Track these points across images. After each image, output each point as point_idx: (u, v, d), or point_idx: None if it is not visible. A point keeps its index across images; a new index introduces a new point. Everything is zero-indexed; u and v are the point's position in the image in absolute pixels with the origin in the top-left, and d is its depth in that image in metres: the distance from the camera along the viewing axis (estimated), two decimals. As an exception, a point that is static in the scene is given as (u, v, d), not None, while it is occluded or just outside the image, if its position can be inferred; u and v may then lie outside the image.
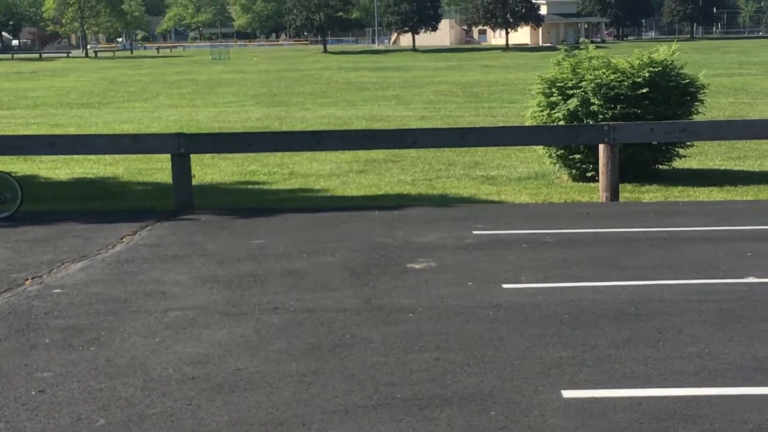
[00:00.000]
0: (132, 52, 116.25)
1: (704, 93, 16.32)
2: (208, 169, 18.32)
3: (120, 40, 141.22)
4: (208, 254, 10.67)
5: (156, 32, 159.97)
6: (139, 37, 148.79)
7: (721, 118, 24.38)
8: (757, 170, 17.11)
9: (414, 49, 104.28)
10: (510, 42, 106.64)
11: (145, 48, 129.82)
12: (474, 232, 11.64)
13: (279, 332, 7.66)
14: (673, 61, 15.85)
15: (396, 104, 35.08)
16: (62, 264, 10.29)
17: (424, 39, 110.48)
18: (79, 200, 15.20)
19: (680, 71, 15.87)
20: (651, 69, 15.42)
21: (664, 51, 15.96)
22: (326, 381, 6.53)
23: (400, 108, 33.14)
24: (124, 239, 11.63)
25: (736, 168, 17.46)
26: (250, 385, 6.47)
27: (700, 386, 6.30)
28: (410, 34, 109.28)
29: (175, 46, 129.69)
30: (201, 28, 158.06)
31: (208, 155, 19.00)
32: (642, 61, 15.64)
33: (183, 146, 14.13)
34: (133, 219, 12.97)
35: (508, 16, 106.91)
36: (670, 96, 15.53)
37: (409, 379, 6.52)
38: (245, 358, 7.02)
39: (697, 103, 16.09)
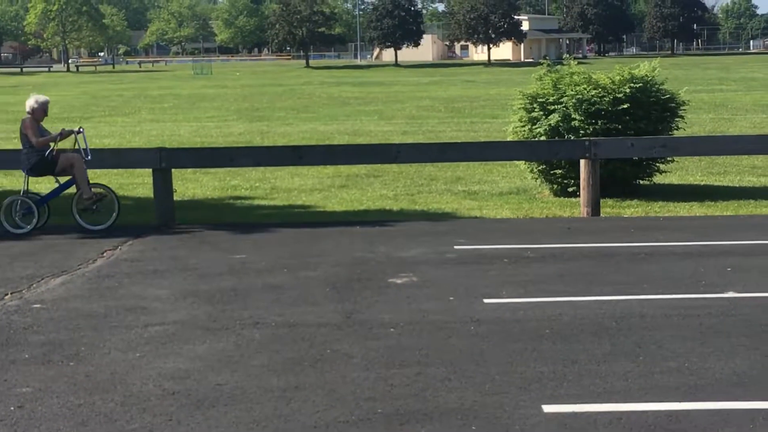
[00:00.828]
0: (114, 67, 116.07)
1: (684, 109, 16.41)
2: (189, 184, 18.30)
3: (102, 54, 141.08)
4: (189, 269, 10.64)
5: (138, 47, 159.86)
6: (121, 51, 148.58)
7: (702, 133, 24.50)
8: (737, 185, 17.20)
9: (396, 65, 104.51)
10: (492, 57, 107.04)
11: (127, 62, 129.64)
12: (455, 246, 11.65)
13: (260, 347, 7.64)
14: (653, 77, 15.94)
15: (378, 119, 35.12)
16: (42, 279, 10.25)
17: (407, 54, 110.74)
18: (59, 215, 15.12)
19: (661, 87, 15.96)
20: (632, 85, 15.51)
21: (645, 67, 16.04)
22: (307, 396, 6.52)
23: (382, 123, 33.17)
24: (104, 254, 11.59)
25: (716, 183, 17.54)
26: (231, 401, 6.45)
27: (680, 401, 6.32)
28: (393, 49, 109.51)
29: (158, 61, 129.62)
30: (183, 43, 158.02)
31: (189, 170, 18.97)
32: (623, 77, 15.72)
33: (164, 161, 14.11)
34: (114, 234, 12.92)
35: (490, 32, 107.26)
36: (650, 112, 15.61)
37: (390, 394, 6.52)
38: (226, 373, 7.00)
39: (677, 119, 16.17)
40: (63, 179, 13.36)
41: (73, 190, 13.35)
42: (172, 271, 10.54)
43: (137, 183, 18.39)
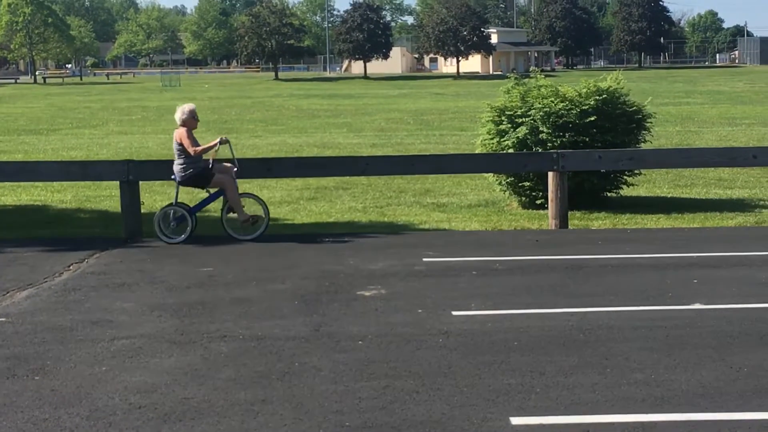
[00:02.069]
0: (81, 79, 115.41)
1: (651, 121, 16.52)
2: (157, 197, 18.21)
3: (69, 66, 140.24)
4: (157, 282, 10.59)
5: (106, 59, 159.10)
6: (88, 63, 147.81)
7: (669, 146, 24.69)
8: (704, 198, 17.32)
9: (365, 77, 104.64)
10: (461, 70, 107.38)
11: (94, 74, 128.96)
12: (424, 259, 11.66)
13: (227, 360, 7.61)
14: (618, 89, 16.03)
15: (347, 131, 35.14)
16: (7, 293, 10.16)
17: (376, 67, 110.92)
18: (25, 228, 15.02)
19: (627, 99, 16.06)
20: (597, 97, 15.60)
21: (609, 79, 16.14)
22: (274, 409, 6.49)
23: (351, 135, 33.19)
24: (71, 267, 11.51)
25: (683, 196, 17.67)
26: (198, 415, 6.42)
27: (647, 412, 6.34)
28: (362, 61, 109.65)
29: (126, 73, 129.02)
30: (151, 55, 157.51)
31: (157, 182, 18.86)
32: (589, 89, 15.82)
33: (132, 173, 14.04)
34: (81, 247, 12.84)
35: (459, 44, 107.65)
36: (617, 124, 15.70)
37: (358, 407, 6.50)
38: (193, 387, 6.96)
39: (644, 132, 16.28)
40: (212, 190, 13.42)
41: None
42: (139, 284, 10.48)
43: (104, 195, 18.29)
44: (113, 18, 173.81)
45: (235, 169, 13.36)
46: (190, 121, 13.18)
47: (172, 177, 13.30)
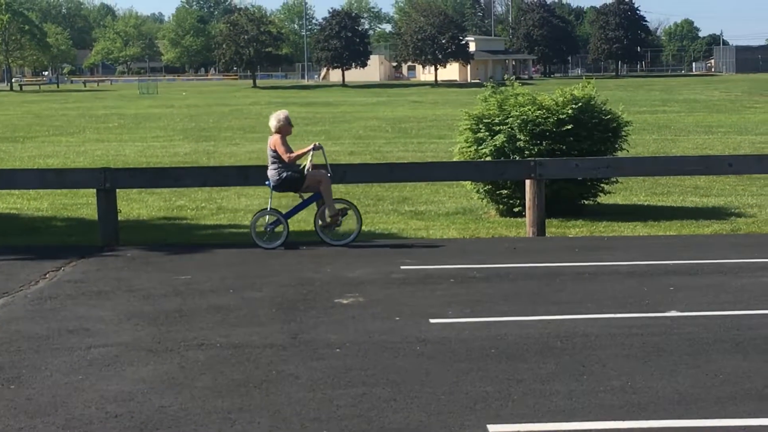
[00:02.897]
0: (58, 86, 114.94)
1: (627, 129, 16.59)
2: (134, 204, 18.16)
3: (46, 73, 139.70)
4: (134, 290, 10.55)
5: (83, 66, 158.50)
6: (65, 70, 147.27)
7: (645, 154, 24.80)
8: (680, 206, 17.41)
9: (343, 85, 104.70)
10: (439, 78, 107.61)
11: (72, 82, 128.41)
12: (402, 267, 11.67)
13: (204, 369, 7.58)
14: (594, 97, 16.10)
15: (325, 139, 35.07)
16: (-17, 301, 10.09)
17: (354, 74, 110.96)
18: (1, 236, 14.93)
19: (603, 107, 16.12)
20: (574, 106, 15.67)
21: (582, 87, 16.20)
22: (252, 417, 6.48)
23: (329, 143, 33.12)
24: (47, 275, 11.45)
25: (659, 204, 17.75)
26: (175, 423, 6.39)
27: (623, 419, 6.37)
28: (340, 69, 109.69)
29: (103, 80, 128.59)
30: (129, 62, 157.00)
31: (135, 190, 18.82)
32: (565, 98, 15.87)
33: (109, 181, 13.99)
34: (58, 255, 12.78)
35: (437, 52, 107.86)
36: (593, 132, 15.77)
37: (335, 415, 6.50)
38: (170, 396, 6.94)
39: (620, 140, 16.35)
40: (305, 195, 13.49)
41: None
42: (115, 293, 10.44)
43: (81, 203, 18.21)
44: (90, 25, 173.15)
45: (329, 174, 13.40)
46: (285, 128, 13.34)
47: (267, 183, 13.42)
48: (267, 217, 13.35)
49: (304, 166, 13.30)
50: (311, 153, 13.29)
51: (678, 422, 6.31)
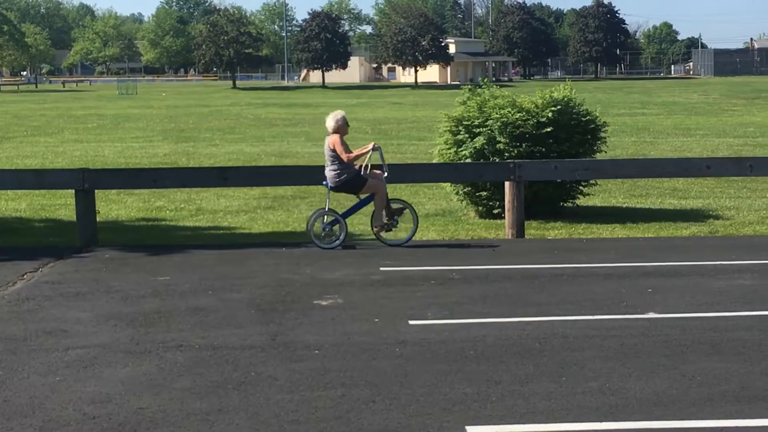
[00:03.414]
0: (37, 86, 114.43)
1: (606, 131, 16.64)
2: (113, 205, 18.09)
3: (24, 73, 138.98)
4: (112, 291, 10.51)
5: (62, 66, 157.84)
6: (44, 70, 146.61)
7: (624, 156, 24.89)
8: (658, 208, 17.49)
9: (323, 86, 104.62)
10: (419, 80, 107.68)
11: (50, 82, 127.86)
12: (381, 268, 11.67)
13: (183, 370, 7.57)
14: (573, 100, 16.14)
15: (305, 140, 35.09)
16: (-40, 302, 10.03)
17: (334, 76, 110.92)
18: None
19: (581, 110, 16.16)
20: (553, 108, 15.70)
21: (561, 89, 16.24)
22: (230, 419, 6.47)
23: (309, 144, 33.14)
24: (25, 276, 11.40)
25: (638, 206, 17.82)
26: (153, 425, 6.38)
27: (601, 420, 6.39)
28: (320, 71, 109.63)
29: (82, 81, 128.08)
30: (108, 63, 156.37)
31: (113, 191, 18.76)
32: (545, 100, 15.91)
33: (87, 182, 13.93)
34: (36, 256, 12.73)
35: (417, 54, 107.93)
36: (573, 134, 15.81)
37: (314, 417, 6.50)
38: (148, 397, 6.92)
39: (599, 142, 16.40)
40: (362, 195, 13.50)
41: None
42: (94, 294, 10.40)
43: (60, 204, 18.13)
44: (69, 25, 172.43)
45: (385, 174, 13.43)
46: (343, 128, 13.35)
47: (324, 183, 13.45)
48: (325, 217, 13.40)
49: (362, 166, 13.38)
50: (370, 154, 13.32)
51: (655, 423, 6.34)
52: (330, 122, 13.34)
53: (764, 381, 7.19)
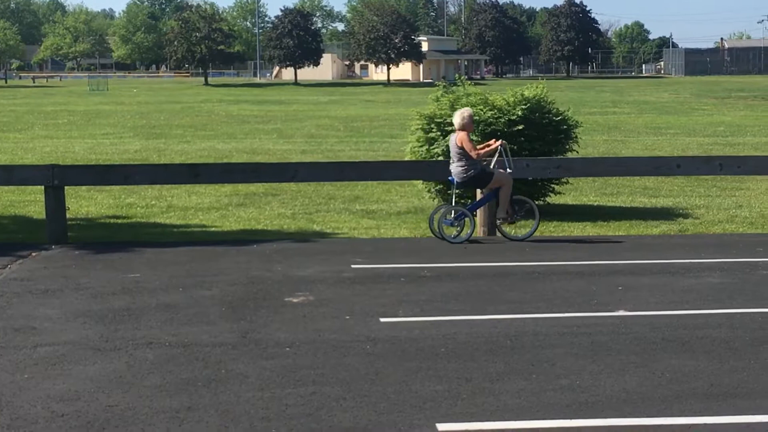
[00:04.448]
0: (6, 82, 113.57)
1: (577, 130, 16.70)
2: (83, 202, 17.98)
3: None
4: (82, 288, 10.44)
5: (32, 62, 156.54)
6: (14, 66, 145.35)
7: (595, 155, 24.98)
8: (629, 206, 17.57)
9: (296, 83, 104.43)
10: (391, 77, 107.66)
11: (20, 77, 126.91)
12: (353, 266, 11.66)
13: (153, 367, 7.53)
14: (544, 98, 16.17)
15: (277, 138, 35.03)
16: (-73, 298, 9.94)
17: (306, 73, 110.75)
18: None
19: (553, 108, 16.21)
20: (524, 106, 15.73)
21: (533, 88, 16.28)
22: (200, 417, 6.44)
23: (281, 142, 33.10)
24: (-7, 273, 11.30)
25: (609, 204, 17.90)
26: (122, 422, 6.34)
27: (572, 417, 6.41)
28: (292, 68, 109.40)
29: (52, 76, 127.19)
30: (79, 59, 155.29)
31: (84, 187, 18.66)
32: (516, 98, 15.94)
33: (57, 178, 13.83)
34: (4, 252, 12.62)
35: (389, 52, 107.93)
36: (544, 133, 15.85)
37: (284, 414, 6.48)
38: (117, 395, 6.88)
39: (571, 141, 16.45)
40: (485, 190, 13.67)
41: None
42: (63, 291, 10.33)
43: (29, 200, 18.00)
44: (39, 20, 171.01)
45: (509, 170, 13.58)
46: (469, 125, 13.57)
47: (450, 178, 13.63)
48: (453, 211, 13.52)
49: (492, 162, 13.61)
50: (498, 149, 13.55)
51: (625, 420, 6.37)
52: (457, 119, 13.58)
53: (732, 378, 7.24)
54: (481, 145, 13.67)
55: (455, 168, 13.49)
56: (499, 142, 13.67)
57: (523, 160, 14.63)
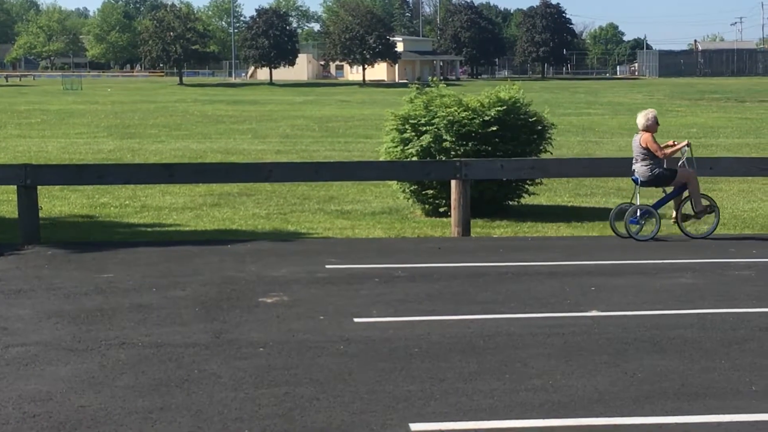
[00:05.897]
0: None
1: (552, 131, 16.76)
2: (56, 201, 17.88)
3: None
4: (54, 288, 10.39)
5: (5, 61, 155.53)
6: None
7: (570, 156, 25.07)
8: (603, 207, 17.62)
9: (271, 83, 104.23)
10: (367, 78, 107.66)
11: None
12: (327, 266, 11.66)
13: (125, 368, 7.50)
14: (519, 99, 16.23)
15: (252, 138, 34.93)
16: None
17: (282, 73, 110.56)
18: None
19: (527, 109, 16.26)
20: (499, 107, 15.78)
21: (507, 89, 16.32)
22: (173, 417, 6.42)
23: (255, 142, 33.01)
24: (-35, 273, 11.22)
25: (583, 205, 17.97)
26: (94, 423, 6.32)
27: (544, 417, 6.44)
28: (267, 68, 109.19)
29: (25, 75, 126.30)
30: (53, 58, 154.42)
31: (57, 187, 18.56)
32: (491, 99, 15.99)
33: (29, 177, 13.75)
34: (-24, 252, 12.53)
35: (365, 52, 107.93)
36: (519, 134, 15.90)
37: (257, 414, 6.47)
38: (89, 395, 6.85)
39: (545, 142, 16.50)
40: (668, 189, 13.93)
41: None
42: (35, 291, 10.28)
43: (1, 200, 17.87)
44: (13, 19, 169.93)
45: (693, 169, 13.87)
46: (653, 126, 13.81)
47: (633, 178, 13.95)
48: (638, 209, 13.72)
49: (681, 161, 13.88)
50: (684, 150, 13.81)
51: (597, 420, 6.41)
52: (641, 120, 13.84)
53: (704, 378, 7.30)
54: (665, 145, 13.87)
55: (639, 167, 13.78)
56: (684, 143, 13.93)
57: (497, 160, 14.68)
